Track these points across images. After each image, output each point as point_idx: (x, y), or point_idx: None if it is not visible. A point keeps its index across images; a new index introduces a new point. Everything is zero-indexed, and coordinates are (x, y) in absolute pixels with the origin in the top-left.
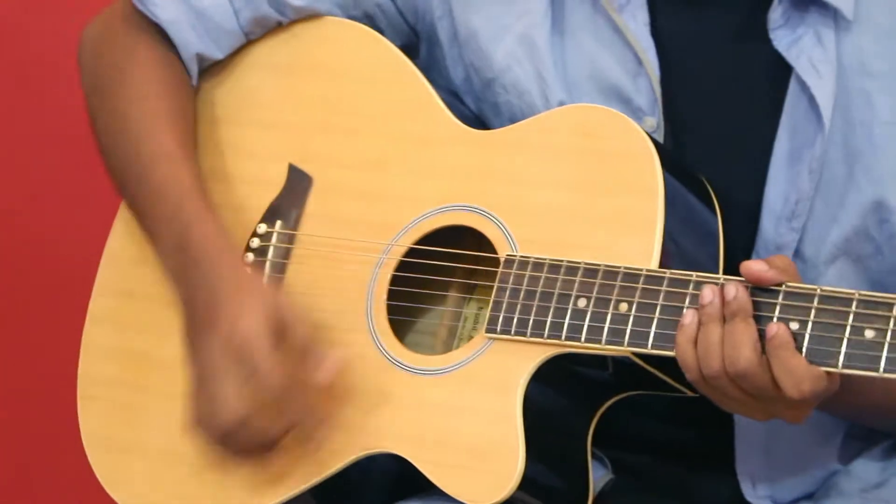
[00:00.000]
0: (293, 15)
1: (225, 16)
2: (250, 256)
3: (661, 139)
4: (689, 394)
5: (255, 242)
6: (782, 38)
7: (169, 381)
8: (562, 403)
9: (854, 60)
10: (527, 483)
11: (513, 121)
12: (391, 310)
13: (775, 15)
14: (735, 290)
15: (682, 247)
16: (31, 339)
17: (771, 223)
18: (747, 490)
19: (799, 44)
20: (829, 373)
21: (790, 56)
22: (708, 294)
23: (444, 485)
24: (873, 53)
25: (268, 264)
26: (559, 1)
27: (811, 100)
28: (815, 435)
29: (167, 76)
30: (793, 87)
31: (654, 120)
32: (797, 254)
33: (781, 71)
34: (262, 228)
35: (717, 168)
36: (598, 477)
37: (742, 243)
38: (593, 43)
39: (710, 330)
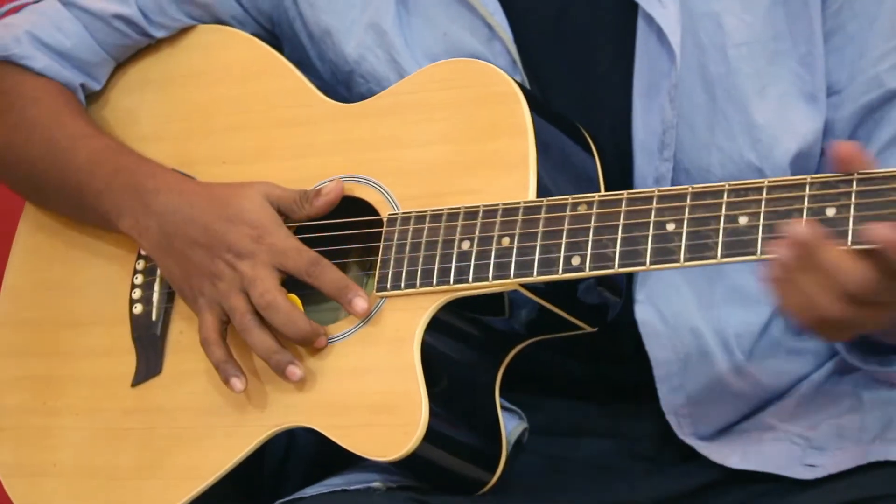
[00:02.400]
0: (159, 36)
1: (90, 51)
2: (141, 264)
3: None
4: (588, 329)
5: None
6: None
7: (76, 398)
8: (464, 353)
9: None
10: (434, 436)
11: None
12: (290, 286)
13: None
14: (802, 226)
15: (559, 182)
16: None
17: (643, 158)
18: (676, 428)
19: None
20: None
21: None
22: (783, 250)
23: (351, 446)
24: None
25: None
26: None
27: (659, 31)
28: (727, 365)
29: (57, 88)
30: (641, 21)
31: (518, 78)
32: (676, 183)
33: (628, 6)
34: None
35: (584, 113)
36: (510, 429)
37: (619, 182)
38: (442, 17)
39: (807, 279)
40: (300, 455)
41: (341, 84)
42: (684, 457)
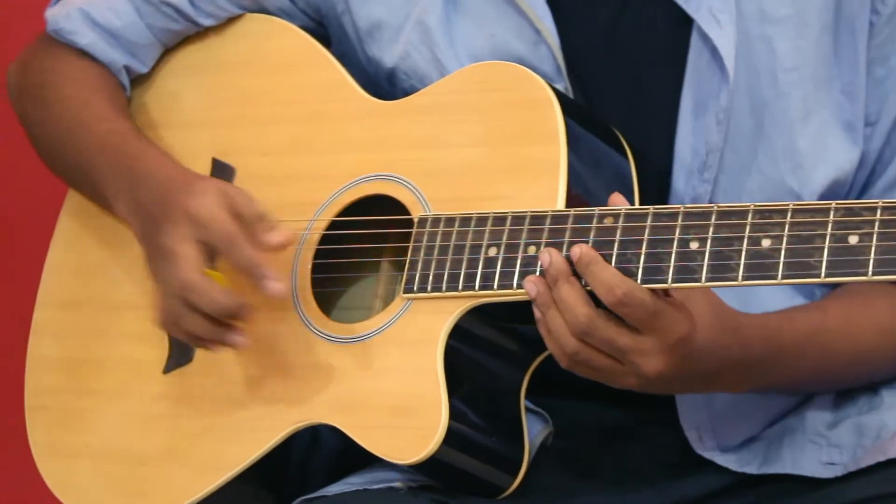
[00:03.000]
0: (207, 24)
1: (138, 33)
2: None
3: None
4: None
5: None
6: None
7: (110, 382)
8: (488, 359)
9: (753, 7)
10: (455, 440)
11: None
12: (317, 284)
13: None
14: (548, 256)
15: (592, 191)
16: None
17: (683, 176)
18: (696, 443)
19: None
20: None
21: (690, 8)
22: (531, 287)
23: (371, 446)
24: None
25: None
26: None
27: (714, 51)
28: None
29: (99, 73)
30: (695, 38)
31: (561, 85)
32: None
33: (682, 23)
34: None
35: (627, 126)
36: (536, 432)
37: (656, 198)
38: (490, 18)
39: (552, 314)
40: (325, 452)
41: (384, 79)
42: (707, 460)
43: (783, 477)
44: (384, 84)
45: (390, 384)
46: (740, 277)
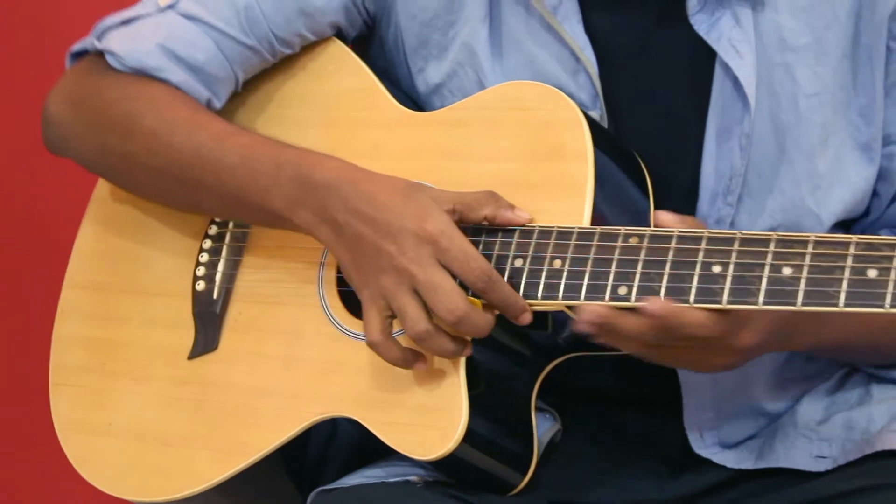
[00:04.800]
0: (285, 52)
1: (219, 66)
2: (207, 243)
3: None
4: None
5: (213, 230)
6: (701, 22)
7: (134, 364)
8: (506, 363)
9: (773, 37)
10: (472, 437)
11: None
12: (342, 283)
13: (692, 1)
14: (593, 314)
15: (615, 212)
16: (4, 335)
17: (708, 199)
18: (696, 442)
19: (718, 26)
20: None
21: (711, 39)
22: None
23: (392, 442)
24: (791, 29)
25: (224, 249)
26: (497, 7)
27: (735, 80)
28: (759, 380)
29: (182, 95)
30: (718, 68)
31: (597, 113)
32: (733, 225)
33: (707, 54)
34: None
35: (656, 152)
36: (545, 429)
37: None
38: (532, 45)
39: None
40: (342, 444)
41: (425, 96)
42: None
43: (777, 471)
44: (434, 100)
45: (413, 382)
46: (761, 302)
